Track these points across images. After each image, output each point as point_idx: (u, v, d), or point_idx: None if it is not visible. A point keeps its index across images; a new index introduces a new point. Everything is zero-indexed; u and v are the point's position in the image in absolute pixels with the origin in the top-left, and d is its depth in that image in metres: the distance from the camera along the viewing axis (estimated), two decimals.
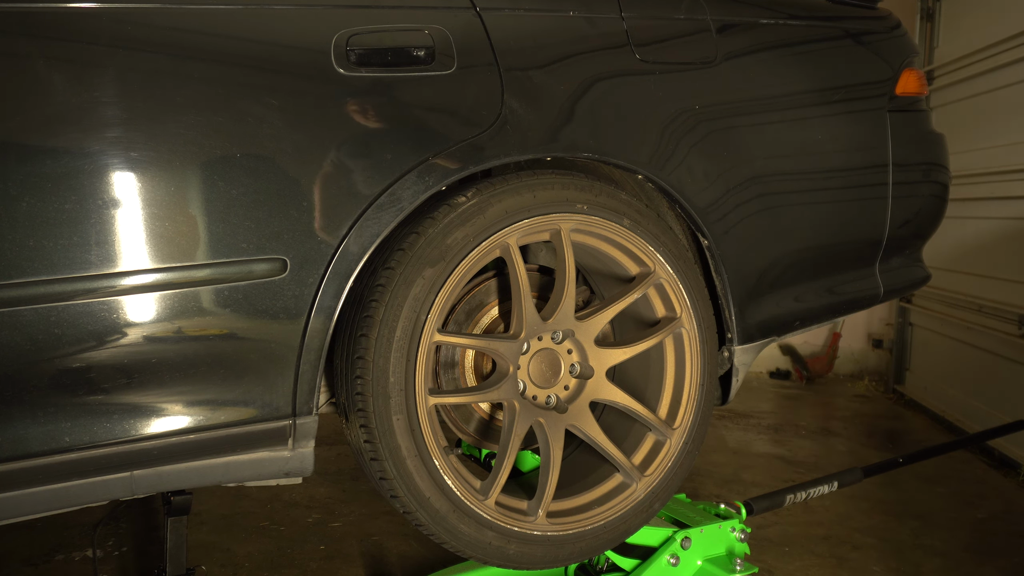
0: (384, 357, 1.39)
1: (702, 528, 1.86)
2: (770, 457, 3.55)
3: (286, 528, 2.63)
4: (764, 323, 1.84)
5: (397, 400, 1.41)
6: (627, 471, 1.65)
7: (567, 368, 1.62)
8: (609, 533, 1.64)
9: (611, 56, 1.60)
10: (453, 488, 1.47)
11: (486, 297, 1.73)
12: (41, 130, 1.18)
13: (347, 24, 1.38)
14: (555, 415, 1.59)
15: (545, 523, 1.56)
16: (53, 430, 1.21)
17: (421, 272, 1.41)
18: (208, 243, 1.27)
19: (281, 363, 1.34)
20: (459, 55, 1.44)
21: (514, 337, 1.54)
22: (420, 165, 1.39)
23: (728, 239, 1.72)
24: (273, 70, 1.32)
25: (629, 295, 1.63)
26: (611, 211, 1.58)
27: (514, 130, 1.46)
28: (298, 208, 1.31)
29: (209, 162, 1.26)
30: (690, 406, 1.71)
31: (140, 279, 1.23)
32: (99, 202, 1.20)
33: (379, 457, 1.42)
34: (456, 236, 1.44)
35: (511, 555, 1.54)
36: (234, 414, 1.33)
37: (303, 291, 1.33)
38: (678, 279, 1.66)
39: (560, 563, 1.61)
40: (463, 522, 1.48)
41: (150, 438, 1.28)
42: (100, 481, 1.27)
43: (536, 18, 1.56)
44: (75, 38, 1.21)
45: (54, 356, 1.20)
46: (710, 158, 1.69)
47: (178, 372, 1.28)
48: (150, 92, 1.24)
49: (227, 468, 1.35)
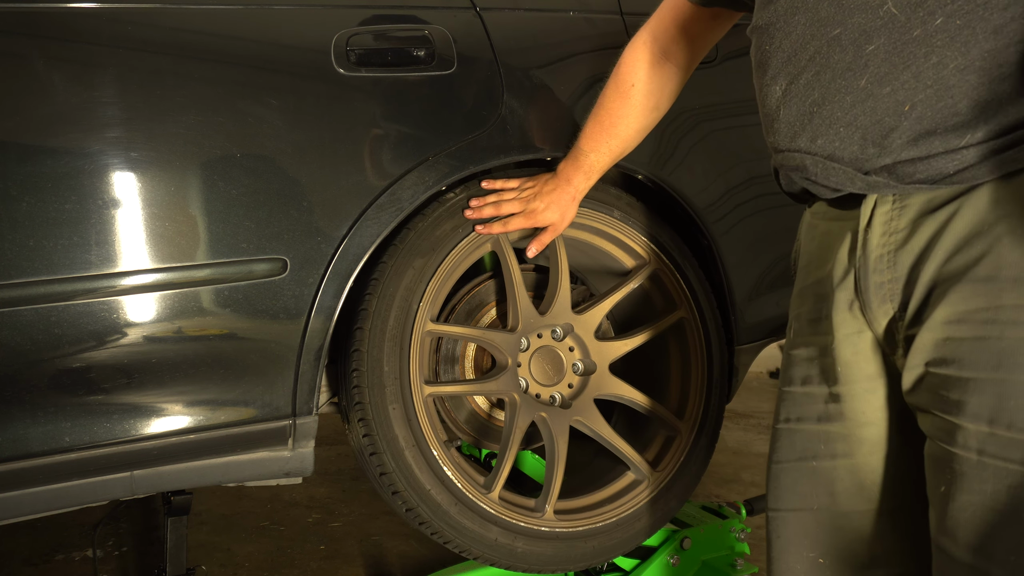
0: (378, 347, 1.39)
1: (702, 528, 1.86)
2: None
3: (286, 528, 2.63)
4: (764, 323, 1.84)
5: (392, 389, 1.40)
6: (637, 467, 1.63)
7: (570, 366, 1.61)
8: (623, 531, 1.60)
9: (611, 56, 1.60)
10: (454, 480, 1.44)
11: (486, 297, 1.73)
12: (41, 130, 1.18)
13: (347, 24, 1.38)
14: (558, 410, 1.59)
15: (553, 519, 1.52)
16: (53, 430, 1.21)
17: (411, 263, 1.42)
18: (208, 243, 1.27)
19: (281, 363, 1.34)
20: (459, 55, 1.45)
21: (511, 330, 1.54)
22: (420, 165, 1.39)
23: (728, 239, 1.72)
24: (273, 70, 1.32)
25: (625, 285, 1.63)
26: (600, 203, 1.58)
27: (514, 130, 1.46)
28: (298, 208, 1.31)
29: (209, 162, 1.26)
30: (699, 399, 1.70)
31: (140, 279, 1.23)
32: (99, 202, 1.20)
33: (377, 450, 1.40)
34: (445, 227, 1.45)
35: (519, 553, 1.48)
36: (234, 414, 1.33)
37: (303, 291, 1.33)
38: (676, 270, 1.66)
39: (572, 565, 1.55)
40: (466, 516, 1.44)
41: (150, 438, 1.28)
42: (100, 481, 1.26)
43: (536, 18, 1.56)
44: (75, 38, 1.21)
45: (54, 356, 1.20)
46: (710, 158, 1.69)
47: (178, 372, 1.28)
48: (150, 92, 1.24)
49: (227, 468, 1.35)
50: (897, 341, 0.90)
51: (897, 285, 0.88)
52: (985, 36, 0.77)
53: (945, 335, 0.83)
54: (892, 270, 0.88)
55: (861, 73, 0.83)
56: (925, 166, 0.82)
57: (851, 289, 0.93)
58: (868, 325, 0.92)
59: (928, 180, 0.83)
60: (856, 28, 0.83)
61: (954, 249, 0.82)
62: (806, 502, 1.01)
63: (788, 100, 0.91)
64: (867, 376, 0.95)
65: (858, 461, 0.97)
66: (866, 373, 0.94)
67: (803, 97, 0.89)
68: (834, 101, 0.86)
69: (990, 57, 0.77)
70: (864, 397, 0.95)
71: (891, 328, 0.90)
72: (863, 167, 0.86)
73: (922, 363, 0.86)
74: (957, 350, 0.82)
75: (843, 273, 0.94)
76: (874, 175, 0.86)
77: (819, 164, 0.89)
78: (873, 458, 0.96)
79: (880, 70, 0.82)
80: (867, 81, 0.83)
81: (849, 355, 0.95)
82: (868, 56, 0.83)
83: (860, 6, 0.83)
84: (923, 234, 0.85)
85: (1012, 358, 0.78)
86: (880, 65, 0.82)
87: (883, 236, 0.88)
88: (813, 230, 1.02)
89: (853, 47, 0.84)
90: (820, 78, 0.87)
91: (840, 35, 0.85)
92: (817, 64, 0.87)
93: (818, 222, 1.01)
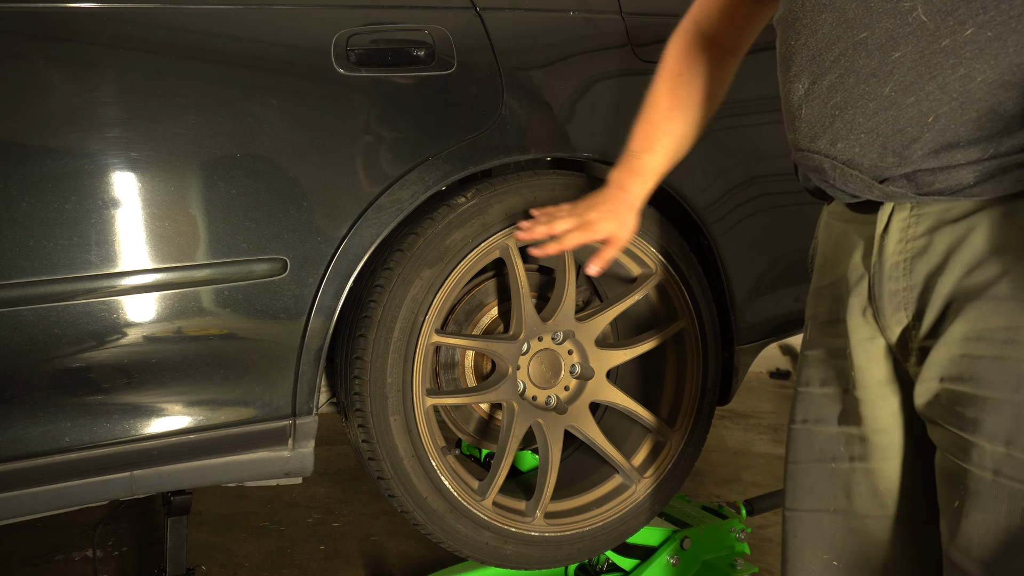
0: (382, 358, 1.39)
1: (702, 528, 1.86)
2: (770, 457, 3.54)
3: (286, 528, 2.63)
4: (764, 323, 1.84)
5: (394, 400, 1.41)
6: (626, 472, 1.65)
7: (567, 369, 1.61)
8: (608, 535, 1.65)
9: (611, 56, 1.60)
10: (450, 488, 1.47)
11: (486, 297, 1.72)
12: (41, 130, 1.18)
13: (347, 24, 1.38)
14: (554, 416, 1.59)
15: (543, 524, 1.56)
16: (53, 430, 1.21)
17: (419, 273, 1.41)
18: (208, 243, 1.27)
19: (281, 363, 1.34)
20: (459, 55, 1.44)
21: (513, 338, 1.54)
22: (420, 165, 1.39)
23: (728, 239, 1.72)
24: (273, 70, 1.32)
25: (630, 296, 1.63)
26: None
27: (514, 130, 1.46)
28: (298, 208, 1.31)
29: (209, 162, 1.26)
30: (691, 408, 1.70)
31: (140, 279, 1.23)
32: (99, 202, 1.20)
33: (376, 457, 1.42)
34: (455, 237, 1.44)
35: (508, 555, 1.55)
36: (234, 414, 1.33)
37: (303, 291, 1.33)
38: (679, 280, 1.66)
39: (558, 564, 1.61)
40: (460, 522, 1.48)
41: (150, 438, 1.28)
42: (100, 481, 1.26)
43: (536, 18, 1.56)
44: (75, 38, 1.21)
45: (54, 356, 1.20)
46: (710, 158, 1.69)
47: (178, 372, 1.28)
48: (150, 92, 1.24)
49: (227, 468, 1.35)
50: (910, 350, 0.89)
51: (912, 294, 0.87)
52: (1016, 50, 0.75)
53: (963, 352, 0.82)
54: (908, 278, 0.87)
55: (886, 80, 0.82)
56: (945, 176, 0.81)
57: (865, 295, 0.92)
58: (881, 332, 0.91)
59: (947, 191, 0.81)
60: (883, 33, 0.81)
61: (973, 263, 0.81)
62: (824, 503, 1.00)
63: (810, 100, 0.89)
64: (879, 382, 0.94)
65: (872, 466, 0.96)
66: (879, 379, 0.94)
67: (825, 99, 0.87)
68: (856, 107, 0.84)
69: (1019, 71, 0.75)
70: (877, 403, 0.94)
71: (904, 337, 0.89)
72: (881, 175, 0.85)
73: (937, 377, 0.85)
74: (975, 368, 0.81)
75: (858, 278, 0.93)
76: (891, 184, 0.84)
77: (837, 169, 0.88)
78: (886, 464, 0.95)
79: (906, 79, 0.80)
80: (891, 89, 0.82)
81: (863, 360, 0.94)
82: (894, 63, 0.81)
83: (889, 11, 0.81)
84: (941, 244, 0.84)
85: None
86: (906, 74, 0.80)
87: (900, 243, 0.87)
88: (830, 229, 1.01)
89: (879, 53, 0.82)
90: (844, 81, 0.85)
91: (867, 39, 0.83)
92: (842, 67, 0.85)
93: (835, 222, 1.00)
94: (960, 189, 0.80)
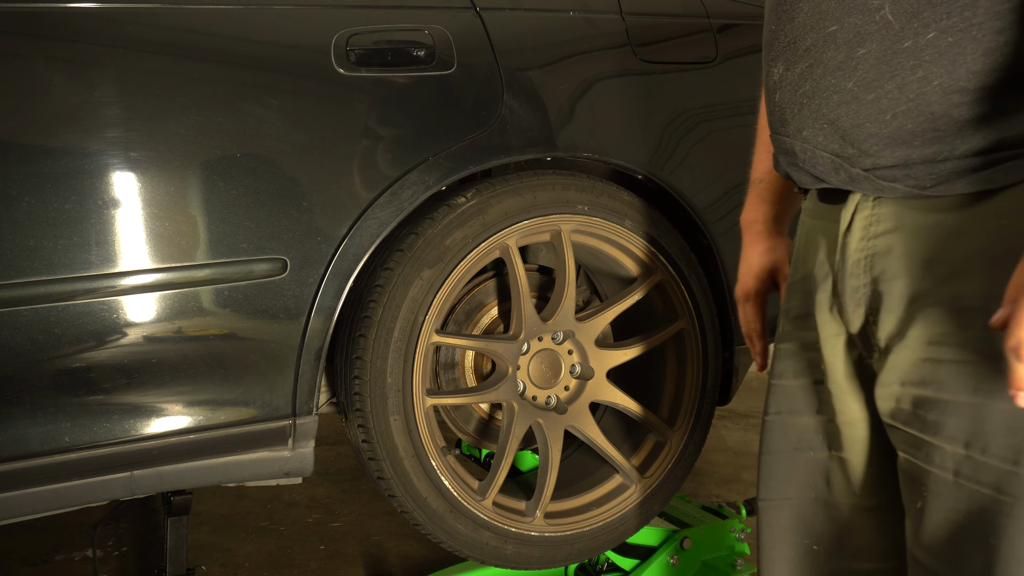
0: (382, 358, 1.39)
1: (702, 528, 1.86)
2: None
3: (286, 528, 2.63)
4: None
5: (394, 401, 1.41)
6: (626, 472, 1.65)
7: (567, 369, 1.61)
8: (607, 535, 1.64)
9: (611, 56, 1.60)
10: (450, 488, 1.47)
11: (486, 297, 1.73)
12: (41, 130, 1.18)
13: (347, 24, 1.38)
14: (554, 416, 1.59)
15: (543, 524, 1.56)
16: (53, 430, 1.21)
17: (419, 273, 1.41)
18: (208, 243, 1.27)
19: (281, 363, 1.34)
20: (459, 55, 1.44)
21: (513, 338, 1.54)
22: (420, 165, 1.39)
23: (728, 239, 1.72)
24: (273, 70, 1.32)
25: (630, 296, 1.63)
26: (612, 212, 1.58)
27: (514, 130, 1.46)
28: (298, 208, 1.31)
29: (209, 162, 1.26)
30: (691, 408, 1.70)
31: (140, 279, 1.23)
32: (99, 202, 1.20)
33: (376, 457, 1.42)
34: (455, 237, 1.44)
35: (508, 555, 1.55)
36: (234, 414, 1.33)
37: (303, 291, 1.33)
38: (680, 280, 1.66)
39: (558, 564, 1.61)
40: (460, 522, 1.48)
41: (150, 438, 1.28)
42: (100, 481, 1.27)
43: (536, 18, 1.56)
44: (75, 38, 1.21)
45: (54, 356, 1.20)
46: (710, 158, 1.69)
47: (178, 372, 1.28)
48: (150, 92, 1.24)
49: (227, 468, 1.35)
50: (872, 345, 0.90)
51: (870, 290, 0.88)
52: (974, 57, 0.76)
53: (924, 356, 0.83)
54: (867, 275, 0.88)
55: (850, 75, 0.83)
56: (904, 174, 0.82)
57: (830, 291, 0.94)
58: (845, 328, 0.93)
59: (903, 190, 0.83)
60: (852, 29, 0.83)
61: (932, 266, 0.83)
62: (801, 492, 1.01)
63: (783, 86, 0.91)
64: (846, 377, 0.95)
65: (845, 456, 0.98)
66: (845, 374, 0.95)
67: (796, 87, 0.89)
68: (822, 97, 0.86)
69: (975, 79, 0.76)
70: (844, 398, 0.96)
71: (865, 332, 0.91)
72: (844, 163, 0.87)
73: (898, 381, 0.86)
74: (936, 372, 0.82)
75: (824, 274, 0.95)
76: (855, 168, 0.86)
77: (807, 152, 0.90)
78: (855, 456, 0.97)
79: (868, 75, 0.82)
80: (854, 84, 0.83)
81: (830, 355, 0.96)
82: (859, 59, 0.83)
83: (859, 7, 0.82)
84: (900, 245, 0.85)
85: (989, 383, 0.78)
86: (868, 71, 0.82)
87: (862, 241, 0.88)
88: (802, 226, 1.03)
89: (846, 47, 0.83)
90: (812, 72, 0.87)
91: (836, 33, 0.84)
92: (812, 57, 0.87)
93: (807, 219, 1.02)
94: (918, 189, 0.82)
